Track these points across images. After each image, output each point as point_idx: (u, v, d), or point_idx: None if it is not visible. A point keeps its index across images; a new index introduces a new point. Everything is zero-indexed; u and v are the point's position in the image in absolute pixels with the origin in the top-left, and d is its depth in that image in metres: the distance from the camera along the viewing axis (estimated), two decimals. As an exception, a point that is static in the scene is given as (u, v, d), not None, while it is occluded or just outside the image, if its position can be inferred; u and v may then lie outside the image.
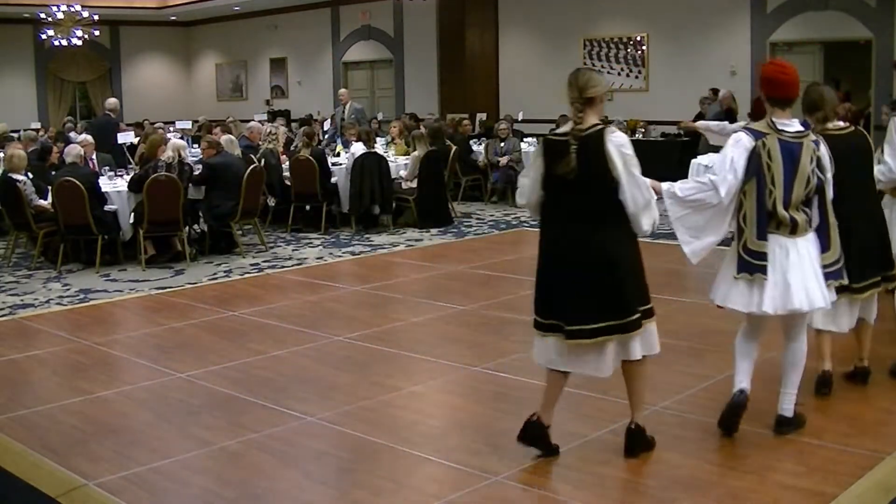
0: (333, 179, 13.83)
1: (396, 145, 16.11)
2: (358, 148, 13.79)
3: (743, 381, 5.42)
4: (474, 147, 17.43)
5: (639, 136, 19.33)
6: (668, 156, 16.64)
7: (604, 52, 20.97)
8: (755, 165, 5.17)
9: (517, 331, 7.99)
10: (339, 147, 16.03)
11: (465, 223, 14.42)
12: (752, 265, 5.21)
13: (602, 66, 20.94)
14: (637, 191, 4.94)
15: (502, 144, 16.48)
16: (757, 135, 5.23)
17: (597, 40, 21.03)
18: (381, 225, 14.09)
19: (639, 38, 20.42)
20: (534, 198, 5.15)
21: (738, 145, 5.23)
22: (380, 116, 22.12)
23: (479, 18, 22.67)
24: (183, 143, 12.12)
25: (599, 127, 5.00)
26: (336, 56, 26.14)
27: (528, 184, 5.16)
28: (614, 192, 4.93)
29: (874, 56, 17.13)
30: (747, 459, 5.18)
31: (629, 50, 20.58)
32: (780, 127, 5.24)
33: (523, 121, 19.79)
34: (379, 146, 15.13)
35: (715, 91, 17.48)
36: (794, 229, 5.21)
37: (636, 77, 20.52)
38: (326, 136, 18.18)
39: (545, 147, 5.12)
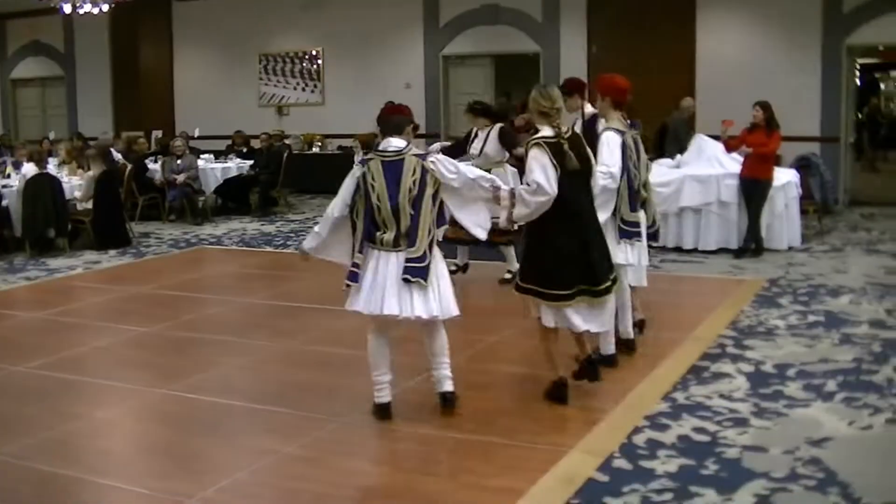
0: (4, 202, 13.32)
1: (69, 165, 15.68)
2: (29, 169, 13.37)
3: None
4: (150, 165, 17.14)
5: (316, 149, 19.71)
6: (345, 169, 16.92)
7: (279, 66, 21.20)
8: None
9: (201, 351, 8.10)
10: (10, 168, 15.44)
11: (144, 243, 14.23)
12: None
13: (278, 81, 21.17)
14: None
15: (179, 162, 16.32)
16: None
17: (272, 55, 21.22)
18: (56, 248, 13.67)
19: (314, 53, 20.77)
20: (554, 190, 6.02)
21: None
22: (52, 136, 21.29)
23: (153, 33, 22.35)
24: None
25: (568, 128, 6.37)
26: (3, 73, 24.99)
27: (545, 180, 6.00)
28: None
29: (542, 68, 18.29)
30: (440, 464, 5.49)
31: (304, 64, 20.91)
32: None
33: (199, 137, 19.67)
34: (51, 167, 14.70)
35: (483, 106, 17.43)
36: None
37: (312, 91, 20.89)
38: None
39: (550, 149, 6.06)
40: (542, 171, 6.02)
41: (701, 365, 7.22)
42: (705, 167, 12.30)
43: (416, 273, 5.85)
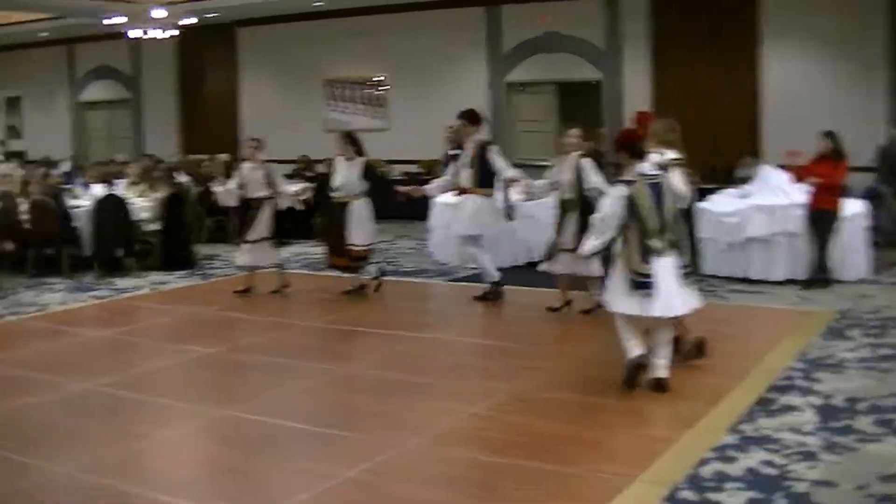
0: (74, 223, 13.50)
1: (138, 186, 15.85)
2: (98, 190, 13.54)
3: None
4: (216, 188, 17.22)
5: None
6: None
7: (345, 92, 21.32)
8: None
9: (262, 373, 8.13)
10: (79, 189, 15.65)
11: (210, 265, 14.35)
12: None
13: (345, 107, 21.31)
14: None
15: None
16: None
17: (338, 81, 21.37)
18: (124, 268, 13.81)
19: (379, 79, 20.87)
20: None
21: None
22: (119, 158, 21.64)
23: (220, 58, 22.65)
24: None
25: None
26: (73, 95, 25.45)
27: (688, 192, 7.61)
28: None
29: (603, 96, 18.23)
30: (499, 491, 5.42)
31: (369, 90, 21.02)
32: None
33: (265, 161, 19.73)
34: (120, 188, 14.87)
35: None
36: None
37: (376, 117, 20.96)
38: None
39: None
40: (686, 185, 7.49)
41: (769, 397, 7.09)
42: (771, 197, 12.14)
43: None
